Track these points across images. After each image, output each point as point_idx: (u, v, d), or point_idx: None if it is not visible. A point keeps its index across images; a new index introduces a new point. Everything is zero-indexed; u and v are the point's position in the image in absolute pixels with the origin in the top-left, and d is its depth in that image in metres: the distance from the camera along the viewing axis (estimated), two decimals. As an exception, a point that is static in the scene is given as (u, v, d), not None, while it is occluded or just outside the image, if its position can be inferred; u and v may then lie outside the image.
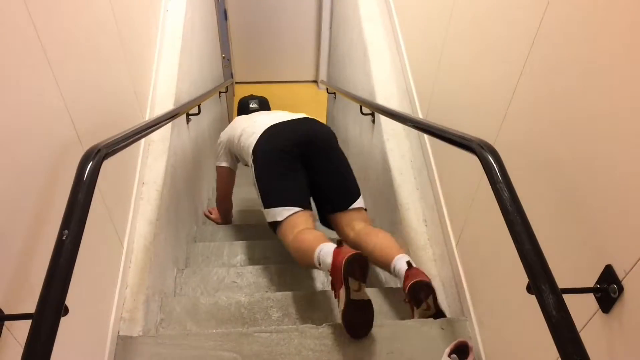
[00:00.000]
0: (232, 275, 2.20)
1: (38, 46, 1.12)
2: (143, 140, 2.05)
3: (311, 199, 2.22)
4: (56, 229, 0.91)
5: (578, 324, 0.91)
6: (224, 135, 2.69)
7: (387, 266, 1.91)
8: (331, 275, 1.66)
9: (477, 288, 1.60)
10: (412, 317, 1.80)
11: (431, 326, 1.66)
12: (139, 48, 2.13)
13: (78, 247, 0.90)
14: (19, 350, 0.80)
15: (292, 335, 1.63)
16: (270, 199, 2.11)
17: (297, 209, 2.04)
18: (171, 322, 1.85)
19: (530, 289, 0.91)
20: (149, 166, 2.07)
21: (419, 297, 1.75)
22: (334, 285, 1.66)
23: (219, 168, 2.76)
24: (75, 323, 1.19)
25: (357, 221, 2.17)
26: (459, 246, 1.73)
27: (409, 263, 1.82)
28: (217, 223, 3.13)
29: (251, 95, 3.11)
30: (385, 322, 1.70)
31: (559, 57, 1.10)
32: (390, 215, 2.43)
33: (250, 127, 2.38)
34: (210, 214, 3.22)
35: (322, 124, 2.45)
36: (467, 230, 1.66)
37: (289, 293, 1.99)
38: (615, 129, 0.91)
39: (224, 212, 3.08)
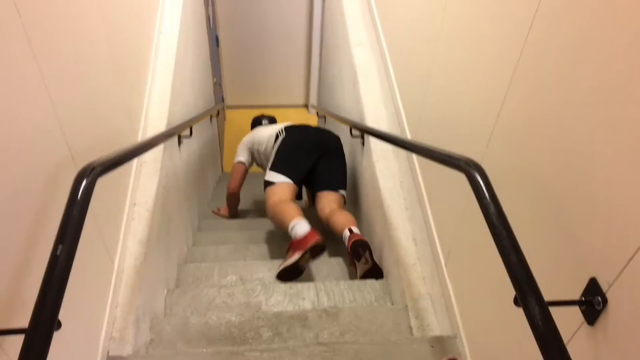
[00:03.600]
0: (223, 295, 2.20)
1: (35, 68, 1.14)
2: (135, 160, 2.07)
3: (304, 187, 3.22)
4: (50, 245, 0.92)
5: (565, 336, 0.93)
6: (246, 138, 3.50)
7: (340, 235, 2.56)
8: (296, 241, 2.37)
9: (467, 305, 1.61)
10: (356, 275, 2.45)
11: (421, 343, 1.67)
12: (132, 70, 2.16)
13: (72, 261, 0.91)
14: (12, 365, 0.81)
15: (283, 354, 1.63)
16: (277, 166, 2.93)
17: (289, 180, 2.84)
18: (161, 342, 1.85)
19: (517, 301, 0.93)
20: (141, 187, 2.08)
21: (358, 251, 2.37)
22: (292, 248, 2.38)
23: (235, 164, 3.47)
24: (66, 341, 1.19)
25: (334, 203, 2.89)
26: (448, 264, 1.75)
27: (350, 230, 2.50)
28: (225, 217, 3.84)
29: (262, 114, 3.90)
30: (376, 340, 1.70)
31: (542, 79, 1.14)
32: (380, 234, 2.45)
33: (271, 129, 3.27)
34: (219, 211, 3.92)
35: (333, 135, 3.22)
36: (456, 248, 1.68)
37: (280, 312, 1.99)
38: (598, 146, 0.94)
39: (233, 206, 3.74)
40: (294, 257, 2.33)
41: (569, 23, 1.04)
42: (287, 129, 3.18)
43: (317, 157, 3.00)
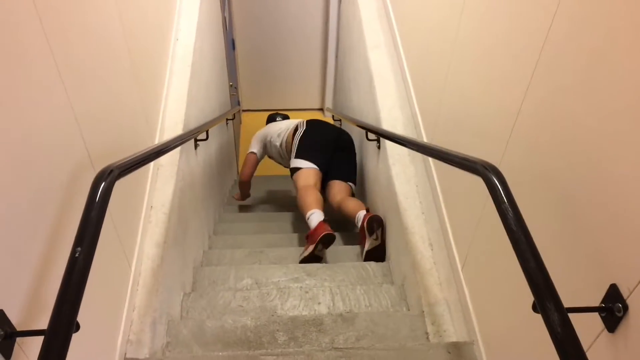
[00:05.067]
0: (239, 299, 2.20)
1: (56, 74, 1.16)
2: (152, 164, 2.09)
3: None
4: (68, 248, 0.93)
5: (584, 343, 0.91)
6: (260, 132, 3.91)
7: (353, 218, 2.88)
8: (310, 233, 2.74)
9: (484, 310, 1.60)
10: (363, 246, 2.72)
11: (437, 350, 1.66)
12: (149, 75, 2.19)
13: (90, 263, 0.92)
14: (30, 367, 0.82)
15: (298, 359, 1.63)
16: (301, 155, 3.28)
17: (314, 166, 3.21)
18: (177, 345, 1.86)
19: (535, 307, 0.92)
20: (158, 190, 2.10)
21: (372, 226, 2.68)
22: (308, 240, 2.74)
23: (248, 154, 3.85)
24: (83, 344, 1.20)
25: (344, 191, 3.26)
26: (464, 269, 1.74)
27: (367, 209, 2.88)
28: (239, 200, 4.20)
29: (277, 112, 4.38)
30: (391, 346, 1.69)
31: (561, 83, 1.13)
32: (396, 239, 2.44)
33: (286, 123, 3.77)
34: (235, 196, 4.26)
35: (347, 133, 3.62)
36: (473, 253, 1.67)
37: (295, 317, 1.99)
38: (618, 150, 0.93)
39: (244, 192, 4.07)
40: (309, 249, 2.67)
41: (589, 26, 1.03)
42: (308, 122, 3.54)
43: (334, 151, 3.37)
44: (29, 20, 1.05)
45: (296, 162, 3.27)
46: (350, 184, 3.36)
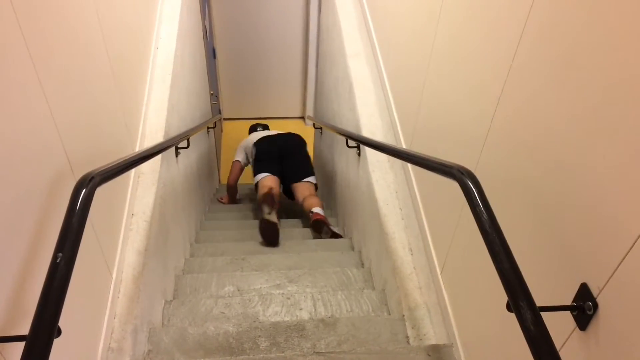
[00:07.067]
0: (220, 306, 2.20)
1: (35, 81, 1.16)
2: (133, 171, 2.08)
3: (280, 180, 4.01)
4: (49, 254, 0.93)
5: (557, 341, 0.94)
6: (243, 142, 4.47)
7: (308, 213, 3.55)
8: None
9: (462, 313, 1.63)
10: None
11: (417, 353, 1.68)
12: (130, 83, 2.19)
13: (72, 269, 0.92)
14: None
15: (280, 364, 1.63)
16: (256, 171, 3.98)
17: (266, 174, 3.88)
18: (159, 352, 1.85)
19: (509, 306, 0.94)
20: (139, 197, 2.10)
21: (318, 228, 3.40)
22: None
23: (234, 162, 4.41)
24: (64, 352, 1.20)
25: (305, 190, 3.87)
26: (443, 273, 1.77)
27: (311, 211, 3.52)
28: (226, 203, 4.80)
29: (257, 123, 5.05)
30: (373, 350, 1.71)
31: (531, 89, 1.17)
32: (376, 245, 2.47)
33: (256, 136, 4.29)
34: (222, 199, 4.85)
35: (294, 136, 4.28)
36: (451, 257, 1.70)
37: (277, 322, 2.00)
38: (588, 156, 0.96)
39: (232, 195, 4.71)
40: (259, 217, 3.23)
41: (557, 34, 1.07)
42: (255, 143, 4.19)
43: (281, 158, 4.02)
44: (8, 26, 1.06)
45: (255, 178, 3.97)
46: (308, 179, 3.97)
